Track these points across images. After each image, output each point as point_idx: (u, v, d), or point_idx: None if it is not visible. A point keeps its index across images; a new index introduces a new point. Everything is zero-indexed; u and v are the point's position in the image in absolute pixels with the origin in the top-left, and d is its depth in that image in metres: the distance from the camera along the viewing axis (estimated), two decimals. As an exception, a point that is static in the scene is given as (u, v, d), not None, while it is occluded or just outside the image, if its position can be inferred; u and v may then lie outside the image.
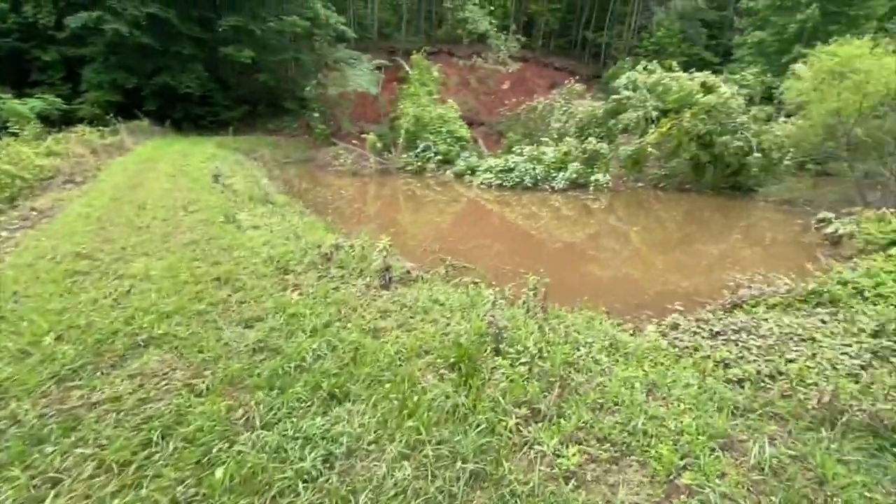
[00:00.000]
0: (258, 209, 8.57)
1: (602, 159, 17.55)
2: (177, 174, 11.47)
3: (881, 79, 12.09)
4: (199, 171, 12.20)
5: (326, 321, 4.10)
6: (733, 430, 2.91)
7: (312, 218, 9.59)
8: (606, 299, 6.72)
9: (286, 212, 9.36)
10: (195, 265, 5.10)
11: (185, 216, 7.25)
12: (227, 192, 9.83)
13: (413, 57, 26.73)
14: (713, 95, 16.29)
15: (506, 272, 7.71)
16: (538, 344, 3.94)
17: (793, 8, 28.96)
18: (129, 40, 22.38)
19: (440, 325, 4.33)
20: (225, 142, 21.69)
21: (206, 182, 10.61)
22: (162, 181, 10.26)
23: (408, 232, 11.10)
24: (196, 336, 3.72)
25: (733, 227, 13.43)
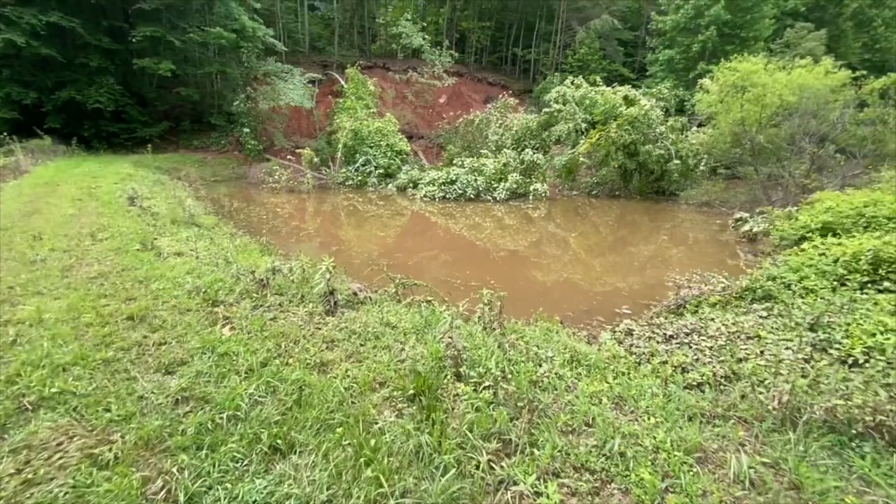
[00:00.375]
0: (182, 233, 7.71)
1: (539, 170, 18.02)
2: (84, 197, 10.17)
3: (775, 92, 13.42)
4: (112, 193, 10.93)
5: (264, 358, 3.59)
6: (705, 441, 2.81)
7: (245, 240, 8.82)
8: (558, 307, 6.68)
9: (215, 234, 8.54)
10: (102, 303, 4.35)
11: (91, 245, 6.31)
12: (145, 215, 8.82)
13: (348, 70, 26.25)
14: (635, 108, 17.33)
15: (457, 286, 7.49)
16: (500, 363, 3.70)
17: (695, 30, 31.90)
18: (25, 51, 20.00)
19: (394, 352, 3.97)
20: (143, 160, 19.88)
21: (120, 205, 9.49)
22: (64, 206, 9.01)
23: (352, 249, 10.59)
24: (102, 391, 3.08)
25: (661, 228, 14.19)
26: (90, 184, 12.15)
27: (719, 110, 15.10)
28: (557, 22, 37.69)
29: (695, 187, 17.36)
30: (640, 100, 17.86)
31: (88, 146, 22.32)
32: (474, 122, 24.50)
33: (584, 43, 34.25)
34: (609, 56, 36.30)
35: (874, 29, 39.83)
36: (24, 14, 19.30)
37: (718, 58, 31.63)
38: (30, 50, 19.88)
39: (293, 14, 37.36)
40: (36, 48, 19.91)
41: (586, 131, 19.98)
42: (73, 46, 22.46)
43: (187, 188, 17.14)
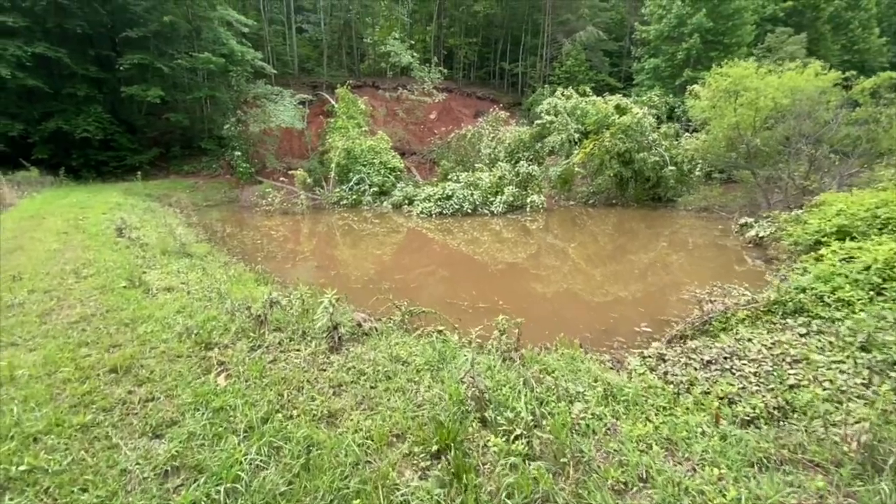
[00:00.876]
0: (173, 265, 7.27)
1: (534, 181, 17.79)
2: (70, 230, 9.71)
3: (768, 95, 13.32)
4: (100, 224, 10.47)
5: (265, 412, 3.16)
6: (784, 497, 2.41)
7: (240, 268, 8.39)
8: (573, 327, 6.29)
9: (208, 264, 8.10)
10: (83, 353, 3.90)
11: (75, 284, 5.86)
12: (133, 246, 8.37)
13: (338, 90, 26.10)
14: (628, 116, 17.22)
15: (464, 308, 7.09)
16: (529, 404, 3.30)
17: (678, 38, 32.25)
18: (10, 83, 19.62)
19: (409, 395, 3.55)
20: (133, 188, 19.44)
21: (108, 237, 9.04)
22: (49, 241, 8.54)
23: (351, 271, 10.17)
24: (79, 466, 2.64)
25: (663, 235, 13.93)
26: (77, 215, 11.68)
27: (712, 115, 15.00)
28: (543, 35, 38.04)
29: (692, 193, 17.20)
30: (632, 108, 17.77)
31: (77, 176, 21.85)
32: (466, 137, 24.36)
33: (571, 55, 34.51)
34: (595, 67, 36.59)
35: (851, 31, 40.61)
36: (9, 46, 18.98)
37: (703, 64, 32.05)
38: (15, 81, 19.51)
39: (281, 37, 37.40)
40: (22, 79, 19.55)
41: (579, 141, 19.85)
42: (59, 76, 22.13)
43: (178, 215, 16.69)
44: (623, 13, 40.70)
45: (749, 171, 15.86)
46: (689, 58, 31.88)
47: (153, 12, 22.49)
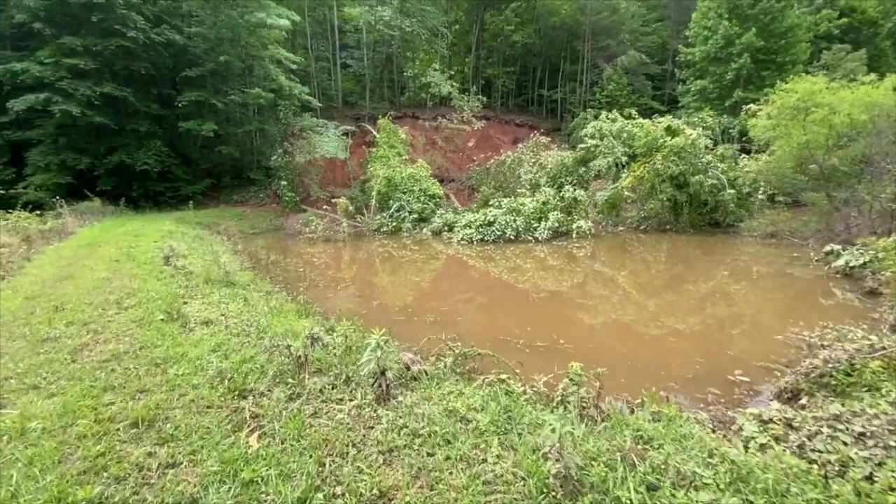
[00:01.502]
0: (214, 295, 6.97)
1: (580, 206, 16.93)
2: (121, 258, 9.76)
3: (844, 111, 12.07)
4: (150, 252, 10.52)
5: (303, 491, 2.54)
6: None
7: (282, 298, 8.02)
8: (653, 375, 5.40)
9: (250, 293, 7.78)
10: (106, 400, 3.46)
11: (115, 315, 5.59)
12: (178, 275, 8.20)
13: (380, 121, 26.53)
14: (681, 138, 16.21)
15: (520, 347, 6.33)
16: (636, 490, 2.52)
17: (726, 59, 30.98)
18: (80, 120, 21.04)
19: (475, 468, 2.84)
20: (185, 217, 20.06)
21: (155, 265, 8.96)
22: (99, 269, 8.53)
23: (392, 300, 9.64)
24: (72, 563, 2.09)
25: (727, 264, 12.63)
26: (130, 243, 11.88)
27: (777, 135, 13.77)
28: (582, 62, 37.69)
29: (756, 217, 15.79)
30: (684, 129, 16.75)
31: (136, 205, 22.92)
32: (506, 163, 23.87)
33: (612, 79, 33.84)
34: (638, 90, 35.69)
35: (914, 46, 37.87)
36: (80, 86, 20.41)
37: (755, 84, 30.53)
38: (85, 119, 20.88)
39: (326, 72, 38.93)
40: (90, 117, 20.90)
41: (627, 165, 18.93)
42: (125, 114, 23.60)
43: (225, 242, 16.92)
44: (664, 37, 39.90)
45: (821, 194, 14.39)
46: (738, 78, 30.48)
47: (211, 53, 23.80)
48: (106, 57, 21.99)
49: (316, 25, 37.73)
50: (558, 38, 39.50)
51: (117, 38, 21.09)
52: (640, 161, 17.03)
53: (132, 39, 21.09)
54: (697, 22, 32.60)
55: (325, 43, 39.33)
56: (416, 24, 31.04)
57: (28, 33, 21.17)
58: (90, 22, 20.96)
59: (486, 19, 39.84)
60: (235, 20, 22.84)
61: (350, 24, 38.09)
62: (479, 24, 39.86)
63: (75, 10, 20.64)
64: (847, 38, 36.24)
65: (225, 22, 23.00)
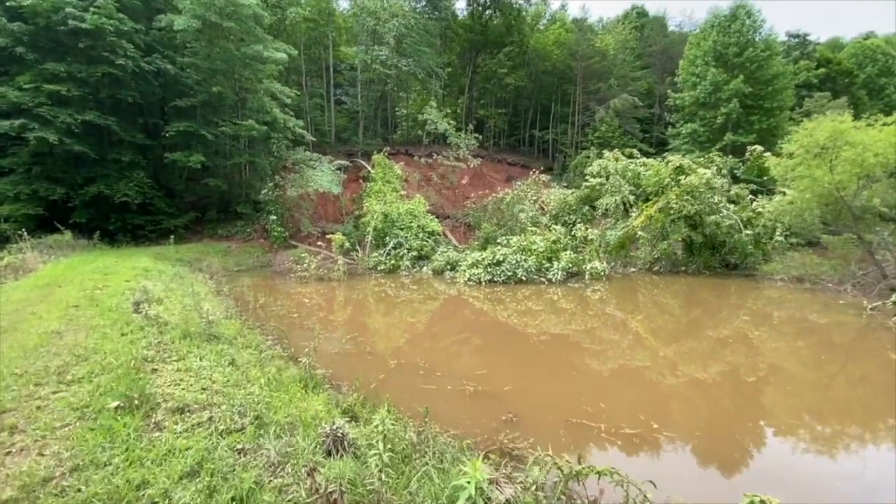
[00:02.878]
0: (193, 356, 5.46)
1: (591, 246, 15.94)
2: (82, 302, 8.16)
3: (874, 150, 11.53)
4: (119, 294, 8.94)
5: None
6: None
7: (277, 355, 6.52)
8: (778, 479, 4.07)
9: (239, 350, 6.28)
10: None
11: (51, 396, 4.04)
12: (150, 326, 6.66)
13: (375, 157, 25.73)
14: (694, 177, 15.57)
15: (603, 435, 4.90)
16: None
17: (714, 104, 31.58)
18: (58, 149, 19.55)
19: None
20: (165, 252, 18.37)
21: (123, 312, 7.39)
22: (51, 317, 6.94)
23: (413, 358, 8.13)
24: None
25: (770, 313, 11.47)
26: (97, 283, 10.25)
27: (798, 175, 13.17)
28: (574, 104, 38.15)
29: (778, 260, 15.00)
30: (696, 169, 16.17)
31: (113, 239, 21.13)
32: (505, 200, 23.05)
33: (605, 121, 34.08)
34: (629, 132, 36.01)
35: (887, 95, 39.65)
36: (60, 113, 19.06)
37: (744, 128, 31.02)
38: (63, 147, 19.41)
39: (320, 109, 38.49)
40: (69, 145, 19.45)
41: (634, 204, 18.22)
42: (108, 143, 22.22)
43: (208, 282, 15.30)
44: (650, 83, 40.94)
45: (843, 236, 13.71)
46: (728, 122, 30.94)
47: (203, 84, 22.87)
48: (91, 84, 20.82)
49: (311, 63, 37.61)
50: (549, 82, 40.14)
51: (104, 65, 20.02)
52: (653, 200, 16.29)
53: (120, 67, 20.05)
54: (685, 68, 33.44)
55: (320, 80, 39.14)
56: (412, 64, 30.96)
57: (10, 58, 19.94)
58: (77, 48, 19.91)
59: (479, 62, 40.42)
60: (231, 52, 22.10)
61: (345, 63, 38.09)
62: (472, 67, 40.37)
63: (62, 36, 19.61)
64: (825, 88, 37.76)
65: (220, 54, 22.24)
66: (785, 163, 13.12)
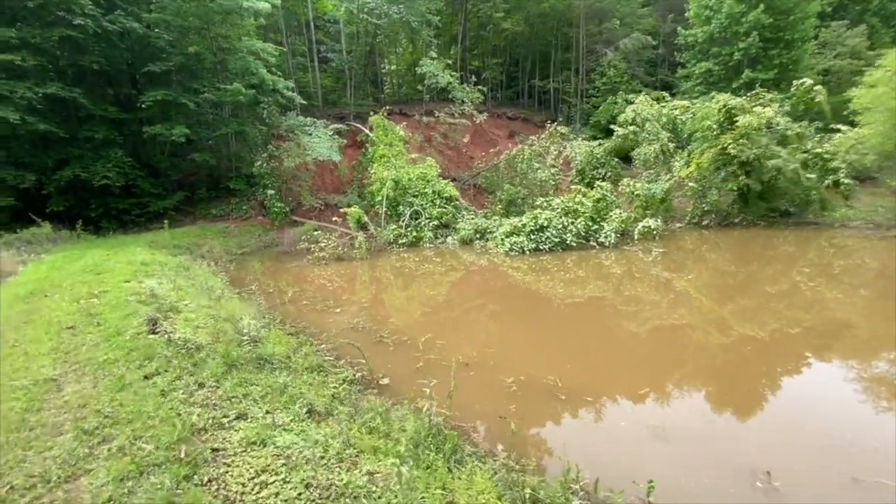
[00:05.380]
0: (255, 407, 3.80)
1: (638, 202, 14.28)
2: (79, 321, 6.34)
3: None
4: (122, 305, 7.11)
5: None
6: None
7: (356, 384, 4.89)
8: None
9: (306, 384, 4.63)
10: None
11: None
12: (178, 356, 4.94)
13: (373, 118, 23.21)
14: (752, 117, 13.76)
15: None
16: None
17: (730, 39, 29.17)
18: (21, 129, 16.84)
19: None
20: (159, 239, 16.27)
21: (135, 335, 5.63)
22: (42, 352, 5.15)
23: (498, 365, 6.59)
24: None
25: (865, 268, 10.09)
26: (92, 288, 8.36)
27: (883, 101, 11.45)
28: (576, 49, 35.24)
29: (846, 205, 13.57)
30: (752, 108, 14.32)
31: (97, 227, 18.84)
32: (519, 157, 20.96)
33: (613, 65, 31.52)
34: (636, 76, 33.55)
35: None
36: (18, 87, 16.22)
37: (763, 64, 28.85)
38: (26, 127, 16.68)
39: (302, 69, 35.04)
40: (33, 124, 16.71)
41: (674, 153, 16.46)
42: (76, 119, 19.39)
43: (215, 269, 13.42)
44: (652, 22, 37.97)
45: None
46: (745, 58, 28.70)
47: (177, 45, 19.86)
48: (48, 52, 17.78)
49: (289, 17, 33.80)
50: (548, 25, 36.94)
51: (61, 27, 16.94)
52: (701, 146, 14.53)
53: (80, 28, 16.99)
54: (697, 2, 30.67)
55: (300, 38, 35.42)
56: (403, 10, 27.70)
57: (-55, 25, 16.77)
58: (26, 8, 16.77)
59: (471, 7, 36.85)
60: (205, 4, 19.01)
61: (328, 15, 34.32)
62: (464, 13, 36.84)
63: (5, -5, 16.43)
64: (835, 17, 35.37)
65: (192, 8, 19.12)
66: (870, 92, 11.39)
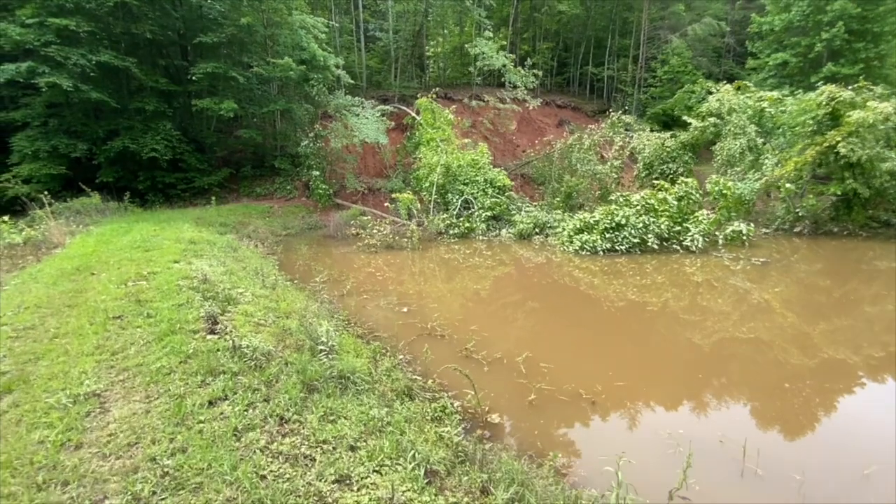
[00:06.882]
0: (362, 459, 2.76)
1: (725, 202, 12.61)
2: (127, 310, 5.49)
3: None
4: (173, 292, 6.24)
5: None
6: None
7: (461, 419, 3.80)
8: None
9: (405, 419, 3.57)
10: None
11: None
12: (246, 370, 3.95)
13: (420, 101, 21.90)
14: (868, 112, 11.81)
15: None
16: None
17: (812, 29, 26.29)
18: (74, 97, 16.49)
19: None
20: (206, 216, 15.68)
21: (193, 336, 4.69)
22: (85, 351, 4.27)
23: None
24: None
25: None
26: (140, 267, 7.58)
27: None
28: (638, 34, 32.77)
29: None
30: (865, 102, 12.33)
31: (143, 200, 18.53)
32: (582, 145, 19.24)
33: (677, 52, 29.07)
34: (701, 66, 30.94)
35: None
36: (72, 54, 15.77)
37: (847, 58, 25.93)
38: (79, 95, 16.32)
39: (348, 48, 34.01)
40: (85, 93, 16.32)
41: (762, 149, 14.59)
42: (127, 90, 19.02)
43: (263, 251, 12.66)
44: (724, 4, 34.93)
45: None
46: (827, 50, 25.84)
47: (229, 15, 19.08)
48: (101, 17, 17.32)
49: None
50: (605, 9, 34.54)
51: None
52: (803, 143, 12.67)
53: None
54: (776, -14, 27.76)
55: (347, 17, 34.34)
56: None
57: (4, -14, 16.50)
58: (80, -28, 16.25)
59: (525, -12, 34.81)
60: (259, -27, 18.11)
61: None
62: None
63: (61, -44, 15.90)
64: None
65: (245, -24, 18.28)
66: None
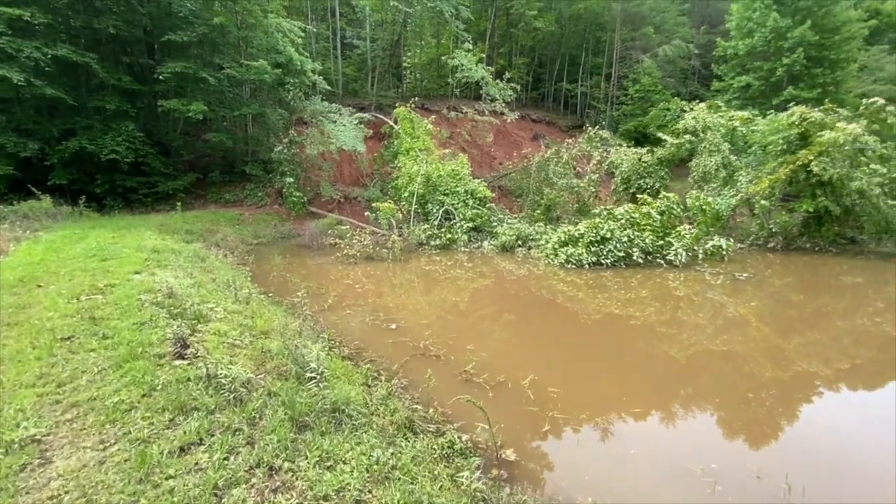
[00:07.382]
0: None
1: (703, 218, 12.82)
2: (79, 330, 4.80)
3: None
4: (134, 308, 5.56)
5: None
6: None
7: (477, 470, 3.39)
8: None
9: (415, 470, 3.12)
10: None
11: None
12: (223, 405, 3.41)
13: (398, 110, 21.64)
14: (835, 133, 12.32)
15: None
16: None
17: (774, 55, 27.79)
18: (26, 92, 15.25)
19: None
20: (170, 223, 14.69)
21: (158, 363, 4.09)
22: (25, 382, 3.61)
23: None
24: None
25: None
26: (95, 279, 6.81)
27: None
28: (609, 53, 33.80)
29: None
30: (835, 123, 12.89)
31: (101, 204, 17.26)
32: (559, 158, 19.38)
33: (648, 72, 30.07)
34: (669, 87, 32.14)
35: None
36: (25, 47, 14.58)
37: (805, 82, 27.50)
38: (31, 90, 15.11)
39: (324, 55, 33.44)
40: (39, 88, 15.12)
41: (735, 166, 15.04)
42: (87, 87, 17.78)
43: (239, 266, 11.88)
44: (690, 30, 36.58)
45: None
46: (787, 75, 27.34)
47: (200, 14, 18.25)
48: (60, 10, 16.18)
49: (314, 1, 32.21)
50: (579, 28, 35.48)
51: (75, -17, 15.38)
52: (776, 161, 13.10)
53: (96, -14, 15.42)
54: (740, 13, 29.27)
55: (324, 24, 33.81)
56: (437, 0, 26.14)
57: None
58: (36, -40, 15.16)
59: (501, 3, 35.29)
60: (234, -28, 17.45)
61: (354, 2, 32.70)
62: (493, 9, 35.29)
63: (15, -59, 14.78)
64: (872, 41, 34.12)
65: (219, -25, 17.56)
66: None
